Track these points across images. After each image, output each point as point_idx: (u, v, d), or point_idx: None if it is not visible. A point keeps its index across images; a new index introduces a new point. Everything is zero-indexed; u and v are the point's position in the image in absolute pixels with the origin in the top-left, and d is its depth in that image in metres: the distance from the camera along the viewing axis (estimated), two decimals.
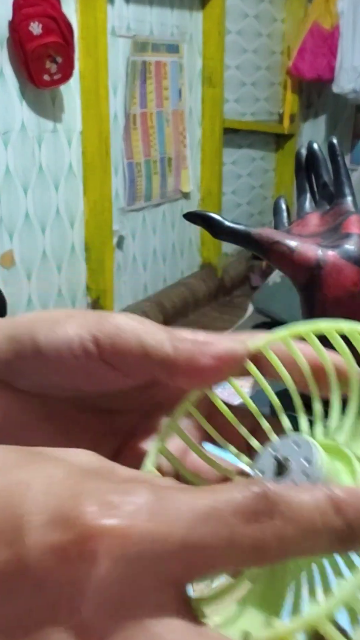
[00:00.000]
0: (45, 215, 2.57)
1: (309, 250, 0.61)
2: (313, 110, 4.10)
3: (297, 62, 3.65)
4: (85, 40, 2.52)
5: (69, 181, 2.64)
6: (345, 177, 0.67)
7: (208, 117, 3.35)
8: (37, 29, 2.23)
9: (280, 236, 0.63)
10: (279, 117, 3.89)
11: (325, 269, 0.60)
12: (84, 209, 2.72)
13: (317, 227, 0.67)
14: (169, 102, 3.09)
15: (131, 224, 3.02)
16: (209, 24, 3.22)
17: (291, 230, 0.67)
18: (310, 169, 0.72)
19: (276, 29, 3.74)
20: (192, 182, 3.32)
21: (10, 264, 2.46)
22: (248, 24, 3.55)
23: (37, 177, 2.50)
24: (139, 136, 2.94)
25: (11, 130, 2.36)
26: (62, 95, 2.53)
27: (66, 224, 2.67)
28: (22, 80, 2.34)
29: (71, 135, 2.61)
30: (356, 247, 0.61)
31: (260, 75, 3.72)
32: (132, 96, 2.85)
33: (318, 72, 3.63)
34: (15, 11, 2.23)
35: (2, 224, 2.40)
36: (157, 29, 2.96)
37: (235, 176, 3.74)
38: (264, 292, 1.61)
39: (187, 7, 3.13)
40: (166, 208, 3.22)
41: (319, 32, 3.57)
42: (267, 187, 4.01)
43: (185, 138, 3.25)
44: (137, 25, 2.83)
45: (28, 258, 2.53)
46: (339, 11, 3.53)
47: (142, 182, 3.00)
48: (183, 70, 3.15)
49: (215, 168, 3.40)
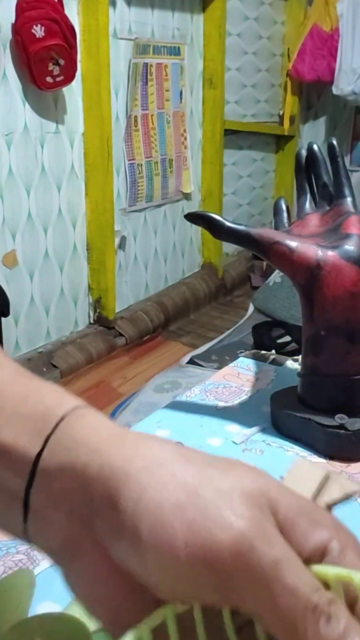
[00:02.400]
0: (48, 216, 2.58)
1: (309, 251, 0.62)
2: (313, 111, 4.11)
3: (297, 64, 3.67)
4: (87, 42, 2.54)
5: (71, 182, 2.65)
6: (345, 178, 0.68)
7: (209, 119, 3.36)
8: (39, 32, 2.24)
9: (281, 236, 0.63)
10: (279, 118, 3.90)
11: (325, 269, 0.61)
12: (85, 210, 2.73)
13: (317, 228, 0.67)
14: (170, 103, 3.10)
15: (132, 225, 3.03)
16: (209, 27, 3.23)
17: (291, 230, 0.68)
18: (310, 169, 0.72)
19: (276, 31, 3.76)
20: (193, 182, 3.33)
21: (13, 264, 2.48)
22: (248, 26, 3.56)
23: (40, 178, 2.51)
24: (140, 137, 2.96)
25: (14, 132, 2.37)
26: (65, 97, 2.54)
27: (68, 224, 2.68)
28: (24, 82, 2.35)
29: (73, 136, 2.62)
30: (356, 247, 0.62)
31: (261, 77, 3.73)
32: (134, 98, 2.86)
33: (318, 74, 3.64)
34: (18, 14, 2.24)
35: (5, 224, 2.41)
36: (159, 32, 2.97)
37: (235, 177, 3.75)
38: (265, 292, 1.63)
39: (188, 9, 3.14)
40: (167, 208, 3.23)
41: (319, 35, 3.58)
42: (267, 187, 4.02)
43: (186, 139, 3.26)
44: (138, 28, 2.85)
45: (30, 258, 2.55)
46: (339, 13, 3.53)
47: (144, 182, 3.01)
48: (184, 72, 3.16)
49: (216, 169, 3.41)
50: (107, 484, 0.26)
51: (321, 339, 0.63)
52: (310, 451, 0.65)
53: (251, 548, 0.23)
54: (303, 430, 0.65)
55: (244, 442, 0.67)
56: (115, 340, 2.85)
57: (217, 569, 0.23)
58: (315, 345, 0.64)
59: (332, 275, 0.61)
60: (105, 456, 0.26)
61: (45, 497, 0.27)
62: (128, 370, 2.71)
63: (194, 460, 0.26)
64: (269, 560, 0.23)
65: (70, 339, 2.73)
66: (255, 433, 0.68)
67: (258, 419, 0.70)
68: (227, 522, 0.24)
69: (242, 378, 0.81)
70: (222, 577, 0.23)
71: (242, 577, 0.23)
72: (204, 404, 0.74)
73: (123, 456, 0.26)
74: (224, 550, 0.23)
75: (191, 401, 0.75)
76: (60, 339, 2.72)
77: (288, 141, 3.95)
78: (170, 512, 0.24)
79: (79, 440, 0.27)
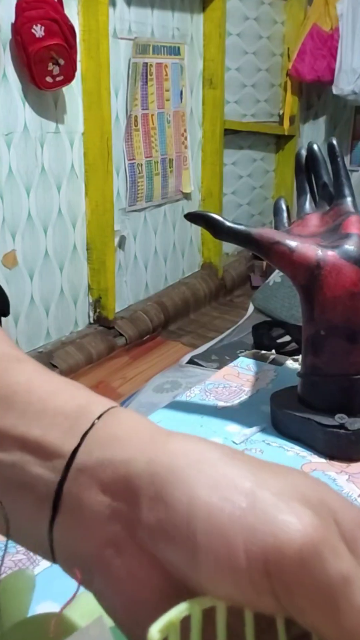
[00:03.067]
0: (48, 216, 2.58)
1: (309, 251, 0.62)
2: (313, 111, 4.11)
3: (297, 64, 3.67)
4: (87, 42, 2.54)
5: (71, 182, 2.65)
6: (345, 177, 0.68)
7: (209, 119, 3.36)
8: (39, 32, 2.24)
9: (281, 236, 0.63)
10: (279, 118, 3.90)
11: (325, 269, 0.61)
12: (85, 210, 2.73)
13: (317, 228, 0.67)
14: (170, 103, 3.10)
15: (132, 224, 3.03)
16: (209, 26, 3.23)
17: (291, 230, 0.68)
18: (310, 169, 0.72)
19: (276, 31, 3.76)
20: (193, 182, 3.33)
21: (13, 264, 2.48)
22: (248, 26, 3.56)
23: (40, 178, 2.51)
24: (140, 137, 2.96)
25: (14, 132, 2.37)
26: (64, 97, 2.54)
27: (68, 224, 2.68)
28: (24, 82, 2.35)
29: (73, 136, 2.62)
30: (356, 247, 0.61)
31: (261, 77, 3.73)
32: (134, 97, 2.86)
33: (318, 74, 3.64)
34: (18, 14, 2.24)
35: (5, 224, 2.41)
36: (159, 31, 2.97)
37: (235, 177, 3.75)
38: (265, 291, 1.63)
39: (188, 9, 3.14)
40: (167, 208, 3.23)
41: (319, 34, 3.58)
42: (267, 187, 4.02)
43: (186, 139, 3.26)
44: (138, 28, 2.85)
45: (30, 258, 2.55)
46: (339, 13, 3.54)
47: (144, 182, 3.01)
48: (184, 72, 3.16)
49: (216, 169, 3.41)
50: (155, 480, 0.24)
51: (321, 339, 0.63)
52: (310, 451, 0.65)
53: (319, 558, 0.22)
54: (303, 430, 0.65)
55: (244, 442, 0.67)
56: (115, 340, 2.85)
57: (279, 576, 0.22)
58: (315, 345, 0.64)
59: (332, 275, 0.61)
60: (152, 452, 0.25)
61: (81, 494, 0.26)
62: (128, 370, 2.72)
63: (243, 460, 0.25)
64: (337, 573, 0.22)
65: (70, 339, 2.73)
66: (255, 433, 0.68)
67: (258, 418, 0.70)
68: (293, 528, 0.22)
69: (242, 378, 0.81)
70: (284, 586, 0.22)
71: (305, 588, 0.22)
72: (203, 404, 0.74)
73: (170, 453, 0.25)
74: (288, 557, 0.22)
75: (191, 401, 0.75)
76: (60, 339, 2.72)
77: (288, 141, 3.95)
78: (227, 515, 0.23)
79: (120, 437, 0.26)
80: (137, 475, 0.25)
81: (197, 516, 0.23)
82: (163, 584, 0.24)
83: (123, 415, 0.27)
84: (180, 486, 0.24)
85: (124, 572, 0.25)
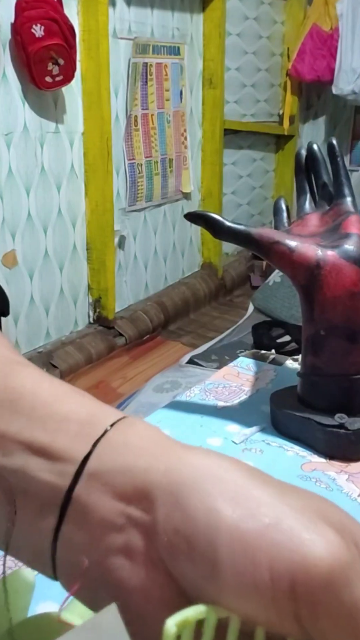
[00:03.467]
0: (48, 216, 2.58)
1: (308, 250, 0.62)
2: (313, 111, 4.11)
3: (297, 64, 3.67)
4: (87, 42, 2.54)
5: (71, 182, 2.65)
6: (345, 177, 0.68)
7: (209, 118, 3.36)
8: (39, 32, 2.24)
9: (280, 236, 0.63)
10: (279, 118, 3.90)
11: (325, 269, 0.61)
12: (85, 210, 2.73)
13: (317, 228, 0.67)
14: (170, 103, 3.10)
15: (132, 224, 3.03)
16: (209, 26, 3.23)
17: (291, 230, 0.68)
18: (310, 169, 0.72)
19: (276, 31, 3.76)
20: (192, 182, 3.33)
21: (12, 264, 2.48)
22: (248, 26, 3.56)
23: (39, 178, 2.51)
24: (140, 137, 2.96)
25: (14, 132, 2.37)
26: (64, 97, 2.54)
27: (68, 224, 2.68)
28: (24, 82, 2.35)
29: (73, 136, 2.62)
30: (356, 247, 0.61)
31: (261, 77, 3.73)
32: (134, 97, 2.86)
33: (317, 74, 3.64)
34: (18, 14, 2.24)
35: (5, 224, 2.41)
36: (158, 31, 2.98)
37: (235, 177, 3.75)
38: (264, 291, 1.63)
39: (187, 9, 3.14)
40: (167, 208, 3.23)
41: (319, 34, 3.58)
42: (267, 187, 4.02)
43: (186, 139, 3.26)
44: (138, 28, 2.85)
45: (30, 258, 2.55)
46: (338, 13, 3.54)
47: (143, 182, 3.01)
48: (184, 72, 3.16)
49: (215, 169, 3.41)
50: (174, 490, 0.23)
51: (321, 339, 0.63)
52: (310, 451, 0.65)
53: (346, 581, 0.21)
54: (303, 430, 0.65)
55: (244, 442, 0.67)
56: (115, 340, 2.85)
57: (305, 597, 0.21)
58: (315, 345, 0.64)
59: (332, 275, 0.61)
60: (170, 462, 0.24)
61: (91, 500, 0.25)
62: (128, 370, 2.71)
63: (264, 478, 0.24)
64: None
65: (70, 338, 2.73)
66: (255, 433, 0.68)
67: (258, 418, 0.70)
68: (320, 548, 0.21)
69: (241, 378, 0.81)
70: (309, 607, 0.21)
71: (331, 610, 0.21)
72: (203, 404, 0.74)
73: (190, 464, 0.24)
74: (317, 579, 0.21)
75: (191, 401, 0.75)
76: (60, 338, 2.72)
77: (288, 141, 3.95)
78: (251, 530, 0.22)
79: (135, 445, 0.25)
80: (154, 483, 0.24)
81: (218, 528, 0.22)
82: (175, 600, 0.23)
83: (138, 424, 0.27)
84: (200, 497, 0.23)
85: (133, 583, 0.24)
